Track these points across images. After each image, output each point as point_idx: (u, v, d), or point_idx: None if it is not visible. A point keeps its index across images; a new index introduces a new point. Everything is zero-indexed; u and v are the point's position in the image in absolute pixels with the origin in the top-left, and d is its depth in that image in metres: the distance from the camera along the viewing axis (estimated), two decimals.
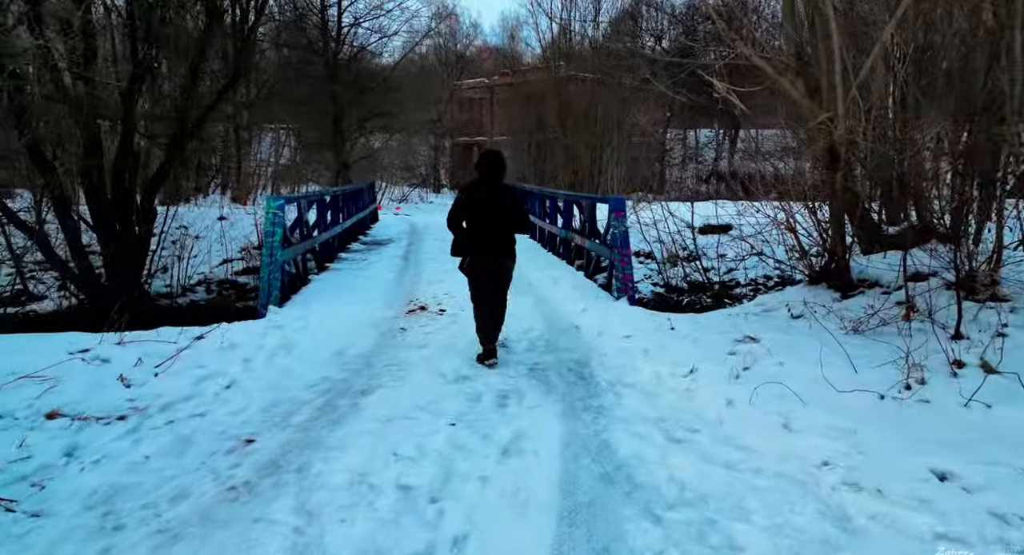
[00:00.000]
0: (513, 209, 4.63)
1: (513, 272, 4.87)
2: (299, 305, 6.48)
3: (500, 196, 4.60)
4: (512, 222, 4.65)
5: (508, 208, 4.60)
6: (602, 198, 8.67)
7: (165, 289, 10.92)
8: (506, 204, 4.60)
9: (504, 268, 4.75)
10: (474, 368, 4.51)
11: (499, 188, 4.64)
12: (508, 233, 4.67)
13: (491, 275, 4.72)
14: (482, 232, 4.59)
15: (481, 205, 4.55)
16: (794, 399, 3.55)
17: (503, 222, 4.59)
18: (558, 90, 23.95)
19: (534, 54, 33.08)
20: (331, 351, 4.85)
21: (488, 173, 4.60)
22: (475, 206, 4.56)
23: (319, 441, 3.20)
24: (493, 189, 4.59)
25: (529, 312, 6.37)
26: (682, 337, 5.02)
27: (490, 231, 4.58)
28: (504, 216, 4.58)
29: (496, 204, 4.55)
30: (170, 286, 10.84)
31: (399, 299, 6.95)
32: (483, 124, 34.59)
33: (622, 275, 6.85)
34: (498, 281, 4.77)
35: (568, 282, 7.87)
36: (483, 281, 4.72)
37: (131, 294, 9.44)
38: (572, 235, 9.41)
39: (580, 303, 6.63)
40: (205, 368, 4.08)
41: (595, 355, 4.84)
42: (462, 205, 4.59)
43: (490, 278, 4.72)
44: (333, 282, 7.90)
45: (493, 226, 4.58)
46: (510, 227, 4.65)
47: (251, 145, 23.16)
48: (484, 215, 4.55)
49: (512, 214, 4.63)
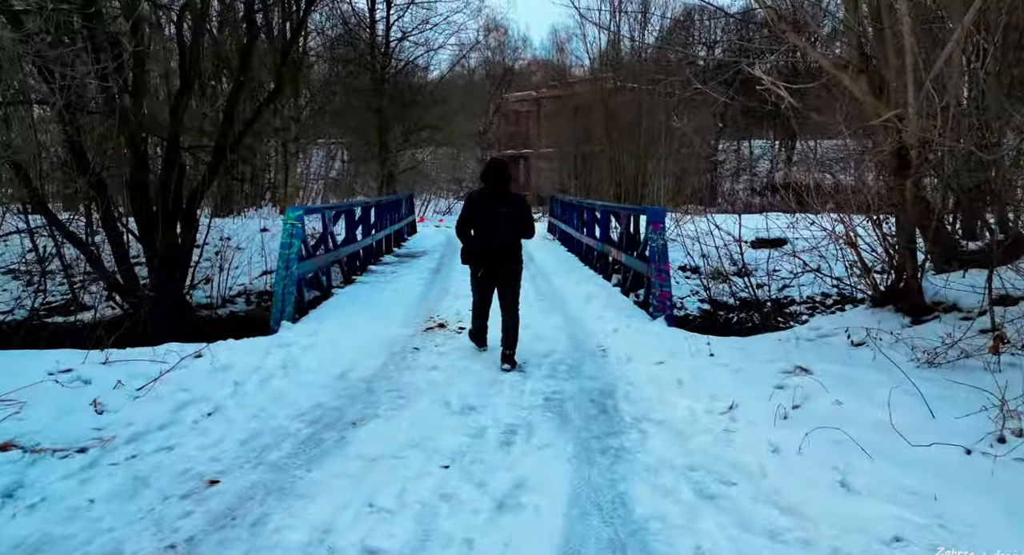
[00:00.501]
0: (519, 216, 4.72)
1: (522, 277, 4.95)
2: (314, 321, 6.18)
3: (506, 203, 4.67)
4: (518, 229, 4.74)
5: (514, 215, 4.69)
6: (640, 209, 8.11)
7: (206, 300, 10.96)
8: (512, 211, 4.68)
9: (511, 274, 4.82)
10: (483, 397, 4.04)
11: (506, 196, 4.71)
12: (515, 240, 4.78)
13: (499, 281, 4.81)
14: (489, 239, 4.71)
15: (488, 213, 4.66)
16: (855, 449, 2.93)
17: (509, 229, 4.69)
18: (605, 101, 23.49)
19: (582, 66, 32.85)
20: (333, 373, 4.48)
21: (494, 181, 4.69)
22: (482, 214, 4.68)
23: (290, 485, 2.79)
24: (499, 197, 4.68)
25: (555, 332, 5.88)
26: (722, 365, 4.42)
27: (497, 238, 4.69)
28: (510, 223, 4.68)
29: (502, 211, 4.64)
30: (210, 297, 10.87)
31: (420, 315, 6.57)
32: (529, 137, 34.45)
33: (659, 292, 6.28)
34: (506, 287, 4.83)
35: (602, 299, 7.33)
36: (488, 288, 4.84)
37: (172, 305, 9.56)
38: (609, 248, 8.87)
39: (612, 323, 6.09)
40: (190, 392, 3.75)
41: (621, 384, 4.30)
42: (469, 212, 4.73)
43: (498, 284, 4.81)
44: (356, 296, 7.60)
45: (500, 233, 4.68)
46: (516, 234, 4.75)
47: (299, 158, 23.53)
48: (491, 222, 4.67)
49: (518, 221, 4.71)
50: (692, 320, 10.43)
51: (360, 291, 7.97)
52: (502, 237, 4.69)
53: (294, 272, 6.28)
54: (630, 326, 5.93)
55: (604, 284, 8.54)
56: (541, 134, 32.87)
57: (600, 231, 9.67)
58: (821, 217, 7.41)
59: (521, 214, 4.73)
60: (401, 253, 12.44)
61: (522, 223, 4.74)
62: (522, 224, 4.74)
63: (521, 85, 37.25)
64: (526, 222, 4.78)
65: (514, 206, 4.70)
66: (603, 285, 8.44)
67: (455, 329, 5.96)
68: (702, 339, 5.18)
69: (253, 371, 4.31)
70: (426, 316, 6.51)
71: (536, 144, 32.92)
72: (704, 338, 5.22)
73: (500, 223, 4.64)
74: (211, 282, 10.97)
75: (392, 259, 11.36)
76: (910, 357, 4.02)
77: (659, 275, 6.34)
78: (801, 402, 3.56)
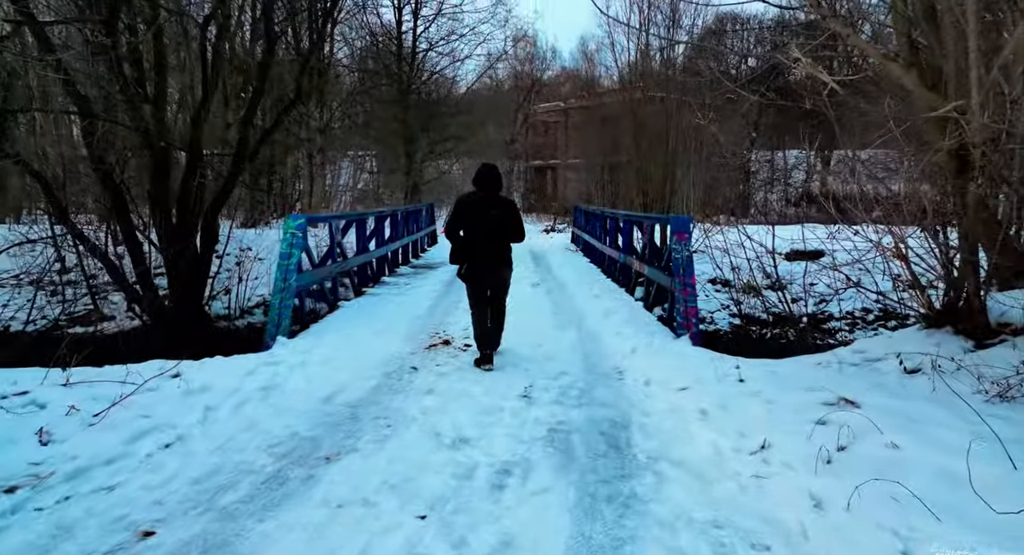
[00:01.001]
0: (508, 220, 4.79)
1: (511, 279, 5.10)
2: (313, 335, 5.81)
3: (496, 207, 4.76)
4: (507, 232, 4.83)
5: (504, 219, 4.77)
6: (664, 218, 7.59)
7: (224, 311, 10.79)
8: (502, 215, 4.77)
9: (500, 276, 4.97)
10: (480, 426, 3.58)
11: (496, 200, 4.80)
12: (504, 242, 4.88)
13: (488, 283, 4.94)
14: (478, 241, 4.79)
15: (478, 215, 4.75)
16: (918, 509, 2.39)
17: (499, 232, 4.80)
18: (633, 110, 23.01)
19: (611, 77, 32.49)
20: (319, 396, 4.08)
21: (485, 185, 4.77)
22: (472, 216, 4.77)
23: (235, 539, 2.37)
24: (490, 200, 4.76)
25: (568, 350, 5.40)
26: (753, 393, 3.87)
27: (486, 240, 4.78)
28: (500, 226, 4.77)
29: (492, 214, 4.73)
30: (229, 308, 10.69)
31: (426, 330, 6.16)
32: (557, 147, 34.16)
33: (684, 308, 5.75)
34: (496, 288, 5.00)
35: (622, 314, 6.82)
36: (481, 288, 4.93)
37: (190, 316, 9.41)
38: (631, 260, 8.35)
39: (631, 340, 5.58)
40: (152, 418, 3.38)
41: (637, 413, 3.79)
42: (460, 215, 4.84)
43: (487, 285, 4.95)
44: (363, 308, 7.23)
45: (489, 236, 4.78)
46: (505, 237, 4.85)
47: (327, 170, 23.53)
48: (480, 225, 4.75)
49: (507, 224, 4.79)
50: (722, 336, 9.84)
51: (368, 303, 7.61)
52: (490, 239, 4.79)
53: (293, 285, 5.93)
54: (651, 345, 5.42)
55: (626, 298, 8.02)
56: (569, 145, 32.57)
57: (623, 241, 9.15)
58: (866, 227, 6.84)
59: (510, 217, 4.80)
60: (418, 264, 12.09)
61: (511, 226, 4.82)
62: (511, 227, 4.82)
63: (549, 96, 37.05)
64: (515, 226, 4.84)
65: (503, 209, 4.78)
66: (625, 299, 7.93)
67: (460, 346, 5.52)
68: (730, 361, 4.64)
69: (230, 394, 3.92)
70: (432, 331, 6.09)
71: (564, 155, 32.61)
72: (733, 360, 4.68)
73: (489, 226, 4.75)
74: (230, 293, 10.81)
75: (407, 270, 11.00)
76: (976, 388, 3.43)
77: (684, 289, 5.81)
78: (848, 443, 3.01)
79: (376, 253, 9.54)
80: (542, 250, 15.15)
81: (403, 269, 11.12)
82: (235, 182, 11.35)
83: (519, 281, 9.55)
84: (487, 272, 4.87)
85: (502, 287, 5.04)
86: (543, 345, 5.56)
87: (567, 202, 30.25)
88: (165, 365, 4.27)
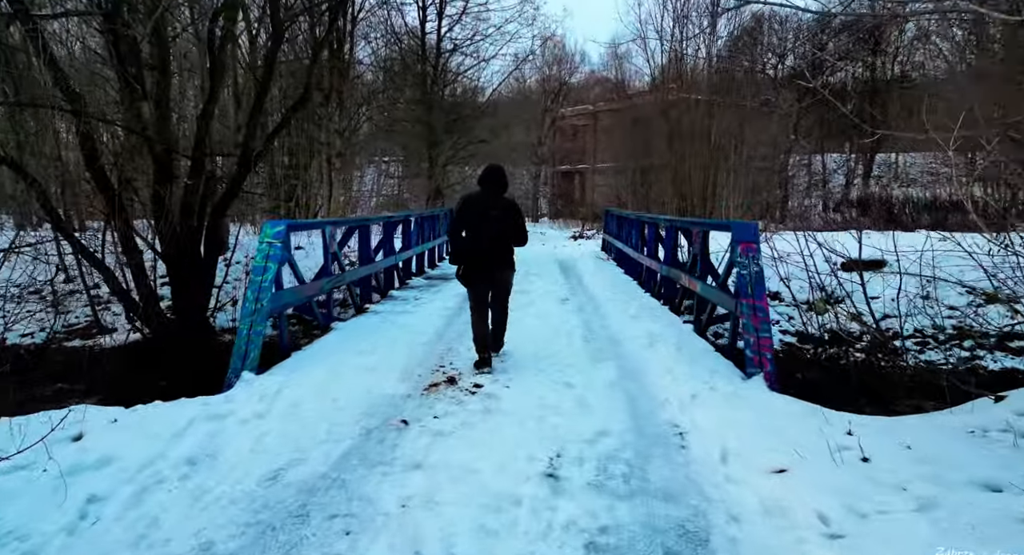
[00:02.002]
0: (509, 221, 4.73)
1: (513, 281, 5.01)
2: (287, 370, 4.68)
3: (499, 208, 4.70)
4: (508, 234, 4.75)
5: (506, 220, 4.71)
6: (720, 224, 6.33)
7: (230, 323, 9.93)
8: (504, 216, 4.70)
9: (502, 278, 4.89)
10: (481, 538, 2.37)
11: (499, 201, 4.74)
12: (505, 244, 4.80)
13: (490, 284, 4.85)
14: (480, 242, 4.69)
15: (480, 216, 4.66)
16: None
17: (501, 233, 4.72)
18: (667, 113, 21.78)
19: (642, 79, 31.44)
20: (264, 472, 2.92)
21: (489, 186, 4.72)
22: (474, 216, 4.68)
23: None
24: (493, 201, 4.70)
25: (606, 393, 4.17)
26: (895, 488, 2.58)
27: (488, 241, 4.69)
28: (502, 227, 4.70)
29: (494, 216, 4.66)
30: (235, 320, 9.83)
31: (429, 361, 4.99)
32: (585, 152, 33.15)
33: (756, 339, 4.47)
34: (497, 290, 4.92)
35: (669, 341, 5.54)
36: (479, 290, 4.83)
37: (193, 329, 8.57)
38: (677, 273, 7.07)
39: (688, 381, 4.31)
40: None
41: (719, 515, 2.54)
42: (462, 215, 4.74)
43: (489, 287, 4.86)
44: (359, 332, 6.10)
45: (491, 236, 4.69)
46: (507, 238, 4.77)
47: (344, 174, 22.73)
48: (483, 226, 4.66)
49: (509, 226, 4.73)
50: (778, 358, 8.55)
51: (368, 324, 6.48)
52: (491, 240, 4.69)
53: (266, 307, 4.82)
54: (715, 388, 4.15)
55: (671, 318, 6.75)
56: (598, 149, 31.51)
57: (665, 251, 7.86)
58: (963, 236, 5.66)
59: (511, 219, 4.73)
60: (433, 274, 10.96)
61: (512, 228, 4.75)
62: (512, 229, 4.75)
63: (577, 101, 36.10)
64: (517, 228, 4.77)
65: (504, 211, 4.71)
66: (670, 320, 6.66)
67: (468, 386, 4.34)
68: (836, 421, 3.35)
69: (138, 471, 2.80)
70: (435, 364, 4.92)
71: (593, 159, 31.51)
72: (838, 419, 3.39)
73: (490, 226, 4.66)
74: (237, 303, 9.99)
75: (420, 282, 9.87)
76: None
77: (754, 315, 4.54)
78: None
79: (382, 264, 8.42)
80: (571, 259, 13.90)
81: (416, 281, 10.00)
82: (241, 185, 10.68)
83: (546, 296, 8.37)
84: (484, 273, 4.76)
85: (502, 289, 4.95)
86: (574, 385, 4.35)
87: (596, 207, 29.07)
88: (89, 410, 3.18)
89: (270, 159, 21.38)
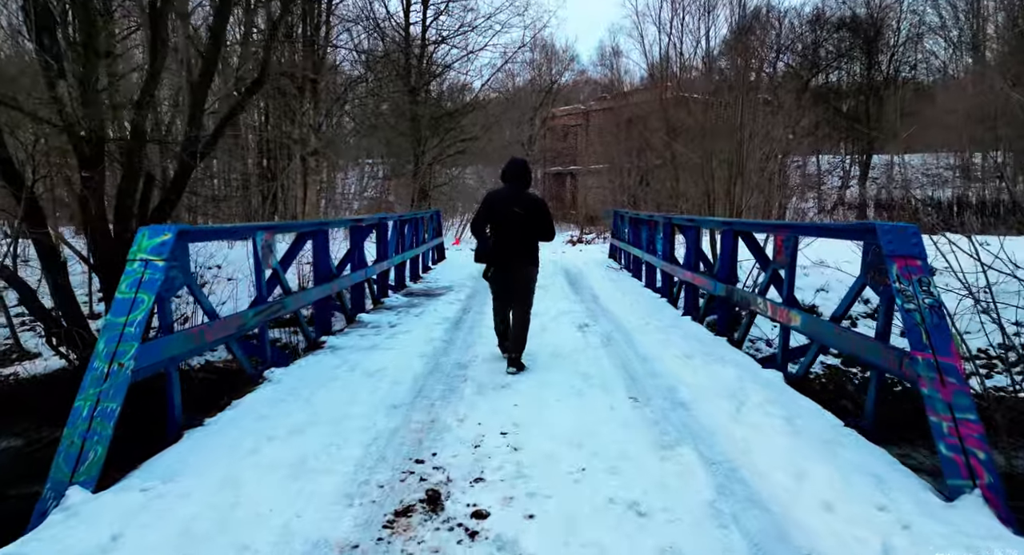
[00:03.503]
0: (536, 217, 4.62)
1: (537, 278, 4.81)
2: (158, 476, 2.75)
3: (524, 204, 4.61)
4: (533, 230, 4.64)
5: (531, 216, 4.60)
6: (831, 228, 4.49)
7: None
8: (529, 212, 4.60)
9: (527, 275, 4.72)
10: None
11: (523, 196, 4.66)
12: (531, 240, 4.69)
13: (514, 281, 4.69)
14: (505, 239, 4.61)
15: (505, 212, 4.58)
16: None
17: (526, 229, 4.61)
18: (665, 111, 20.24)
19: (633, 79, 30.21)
20: None
21: (512, 181, 4.66)
22: (499, 213, 4.61)
23: None
24: (517, 197, 4.62)
25: (710, 537, 2.30)
26: None
27: (513, 238, 4.60)
28: (528, 224, 4.60)
29: (519, 211, 4.57)
30: None
31: (400, 448, 3.11)
32: (577, 152, 31.74)
33: (954, 426, 2.62)
34: (519, 288, 4.72)
35: (771, 410, 3.63)
36: (504, 287, 4.73)
37: None
38: (745, 295, 5.23)
39: (845, 506, 2.46)
40: None
41: None
42: (486, 212, 4.69)
43: (513, 285, 4.69)
44: (301, 386, 4.17)
45: (516, 233, 4.60)
46: (533, 235, 4.67)
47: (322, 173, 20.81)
48: (507, 222, 4.58)
49: (535, 222, 4.62)
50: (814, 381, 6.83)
51: (317, 371, 4.57)
52: (515, 236, 4.59)
53: (128, 368, 2.89)
54: (908, 527, 2.29)
55: (737, 357, 4.91)
56: (589, 150, 30.06)
57: (721, 265, 5.95)
58: None
59: (536, 215, 4.62)
60: (416, 289, 9.05)
61: (537, 224, 4.63)
62: (537, 225, 4.63)
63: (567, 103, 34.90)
64: (543, 224, 4.65)
65: (529, 206, 4.61)
66: (737, 360, 4.80)
67: (463, 512, 2.46)
68: None
69: None
70: (409, 455, 3.03)
71: (584, 160, 30.00)
72: None
73: (514, 223, 4.57)
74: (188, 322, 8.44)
75: (399, 301, 7.95)
76: None
77: (940, 382, 2.70)
78: None
79: (346, 280, 6.49)
80: (576, 268, 12.02)
81: (393, 298, 8.07)
82: (185, 181, 9.03)
83: (560, 320, 6.45)
84: (508, 271, 4.63)
85: (526, 287, 4.73)
86: (646, 512, 2.49)
87: (590, 210, 27.49)
88: None
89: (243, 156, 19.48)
